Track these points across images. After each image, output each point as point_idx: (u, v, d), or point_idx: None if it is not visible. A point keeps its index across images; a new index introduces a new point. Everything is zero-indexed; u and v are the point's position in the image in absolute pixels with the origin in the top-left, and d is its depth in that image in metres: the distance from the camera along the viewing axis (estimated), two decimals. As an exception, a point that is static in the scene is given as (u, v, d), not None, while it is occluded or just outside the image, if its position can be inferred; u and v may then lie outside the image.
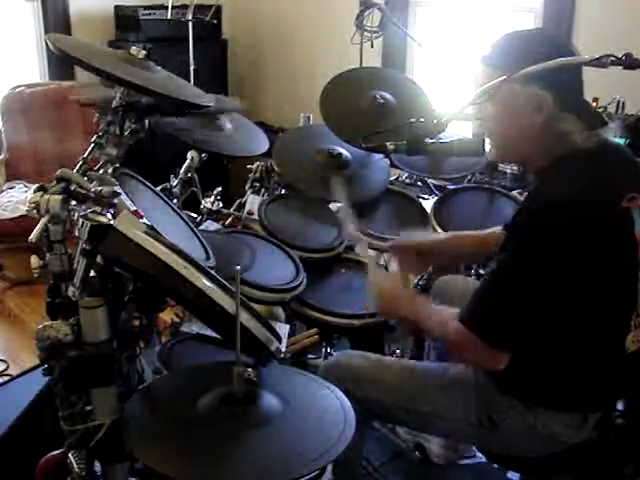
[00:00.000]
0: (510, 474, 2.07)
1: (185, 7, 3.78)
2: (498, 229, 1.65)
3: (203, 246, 1.69)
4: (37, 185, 1.19)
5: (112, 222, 1.17)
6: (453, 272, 2.04)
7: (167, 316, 1.90)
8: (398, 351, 2.48)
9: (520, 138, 1.38)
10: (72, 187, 1.19)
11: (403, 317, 1.58)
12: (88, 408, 1.22)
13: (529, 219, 1.31)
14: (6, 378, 2.48)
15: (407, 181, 2.84)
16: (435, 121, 1.64)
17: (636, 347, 1.37)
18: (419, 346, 2.16)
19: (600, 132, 1.37)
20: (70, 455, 1.25)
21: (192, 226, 1.79)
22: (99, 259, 1.19)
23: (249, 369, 1.19)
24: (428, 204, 2.37)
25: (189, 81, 3.69)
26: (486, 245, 1.68)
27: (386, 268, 2.37)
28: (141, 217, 1.37)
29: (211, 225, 2.18)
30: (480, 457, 2.03)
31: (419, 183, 2.81)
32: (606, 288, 1.30)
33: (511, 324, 1.32)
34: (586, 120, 1.34)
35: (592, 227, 1.26)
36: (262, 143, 2.11)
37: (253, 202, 2.31)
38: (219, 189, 2.31)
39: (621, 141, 2.48)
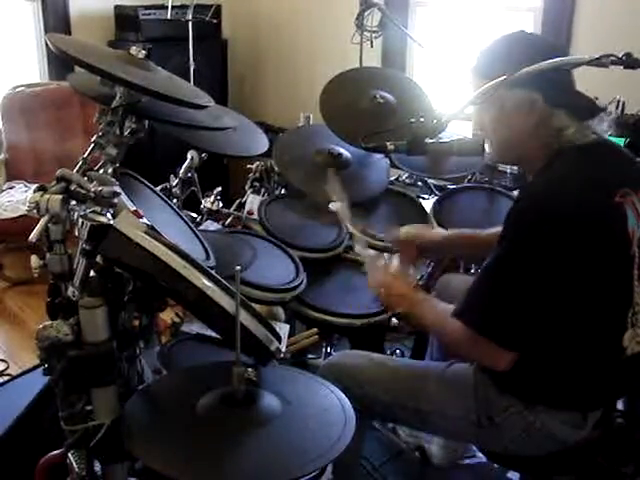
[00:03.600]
0: (510, 474, 2.07)
1: (185, 7, 3.78)
2: (499, 229, 1.66)
3: (203, 246, 1.70)
4: (37, 185, 1.19)
5: (112, 222, 1.17)
6: (453, 271, 2.03)
7: (167, 316, 1.89)
8: (398, 351, 2.49)
9: (519, 138, 1.41)
10: (72, 187, 1.19)
11: (406, 311, 1.56)
12: (88, 408, 1.22)
13: (522, 214, 1.31)
14: (6, 378, 2.48)
15: (407, 181, 2.84)
16: (435, 121, 1.64)
17: (637, 348, 1.38)
18: (420, 345, 2.16)
19: (594, 125, 1.38)
20: (70, 455, 1.25)
21: (192, 226, 1.79)
22: (99, 259, 1.19)
23: (249, 369, 1.19)
24: (428, 204, 2.37)
25: (189, 81, 3.69)
26: (487, 246, 1.68)
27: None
28: (141, 217, 1.37)
29: (211, 225, 2.18)
30: (480, 457, 2.02)
31: (419, 183, 2.82)
32: (600, 284, 1.30)
33: (507, 318, 1.31)
34: (578, 114, 1.36)
35: (584, 220, 1.27)
36: (262, 143, 2.10)
37: (253, 202, 2.31)
38: (219, 189, 2.31)
39: (621, 141, 2.47)
